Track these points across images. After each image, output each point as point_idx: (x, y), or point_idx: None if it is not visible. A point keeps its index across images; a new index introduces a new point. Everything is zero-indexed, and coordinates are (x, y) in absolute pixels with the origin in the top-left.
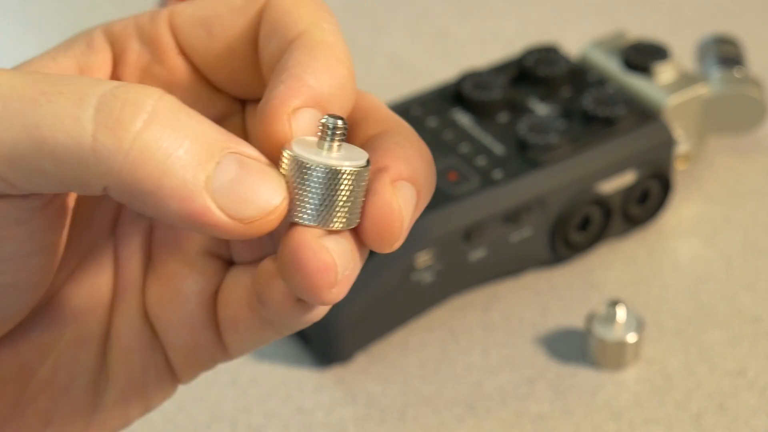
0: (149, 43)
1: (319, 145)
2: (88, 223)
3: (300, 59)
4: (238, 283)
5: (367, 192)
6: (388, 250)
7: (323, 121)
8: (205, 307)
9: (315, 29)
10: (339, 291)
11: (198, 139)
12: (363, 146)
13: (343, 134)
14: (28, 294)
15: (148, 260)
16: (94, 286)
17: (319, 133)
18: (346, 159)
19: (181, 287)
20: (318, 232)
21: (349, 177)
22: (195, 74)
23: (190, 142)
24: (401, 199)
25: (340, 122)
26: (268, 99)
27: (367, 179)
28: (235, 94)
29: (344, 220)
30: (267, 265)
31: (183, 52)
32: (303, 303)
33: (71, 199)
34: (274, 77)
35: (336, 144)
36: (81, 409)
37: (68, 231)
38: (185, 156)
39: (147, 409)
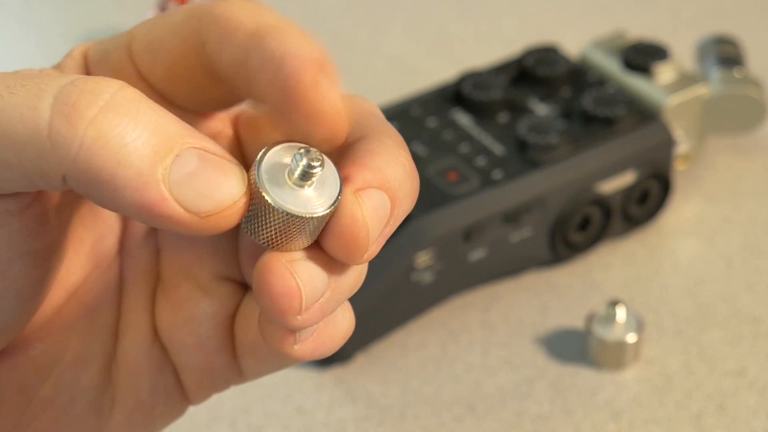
0: (114, 71)
1: (290, 175)
2: (93, 241)
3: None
4: (257, 308)
5: None
6: (358, 262)
7: (300, 152)
8: (220, 330)
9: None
10: (308, 318)
11: (157, 130)
12: (340, 155)
13: (318, 172)
14: (15, 305)
15: (157, 282)
16: (96, 306)
17: (293, 165)
18: (311, 198)
19: (194, 311)
20: (289, 255)
21: (303, 222)
22: (162, 99)
23: (148, 132)
24: (366, 208)
25: (316, 163)
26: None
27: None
28: (204, 110)
29: (293, 246)
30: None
31: (142, 77)
32: (303, 344)
33: (53, 208)
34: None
35: (307, 183)
36: (84, 430)
37: (69, 248)
38: (142, 146)
39: (153, 431)
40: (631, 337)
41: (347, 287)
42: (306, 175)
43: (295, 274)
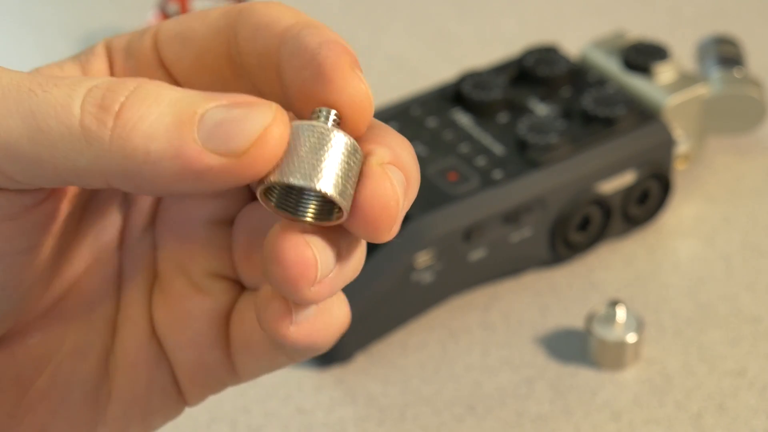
0: (134, 56)
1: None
2: (94, 235)
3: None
4: (252, 304)
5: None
6: (385, 237)
7: (320, 110)
8: (213, 327)
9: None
10: (319, 291)
11: (179, 102)
12: None
13: (337, 122)
14: (16, 296)
15: (155, 278)
16: (95, 298)
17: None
18: None
19: (188, 307)
20: (302, 227)
21: (340, 141)
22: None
23: (170, 106)
24: (394, 179)
25: (335, 112)
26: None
27: (359, 164)
28: None
29: (333, 183)
30: (266, 287)
31: (164, 66)
32: (299, 327)
33: (65, 203)
34: None
35: (330, 123)
36: (80, 423)
37: (72, 240)
38: (167, 118)
39: (148, 428)
40: (631, 337)
41: (350, 270)
42: (331, 115)
43: (311, 244)
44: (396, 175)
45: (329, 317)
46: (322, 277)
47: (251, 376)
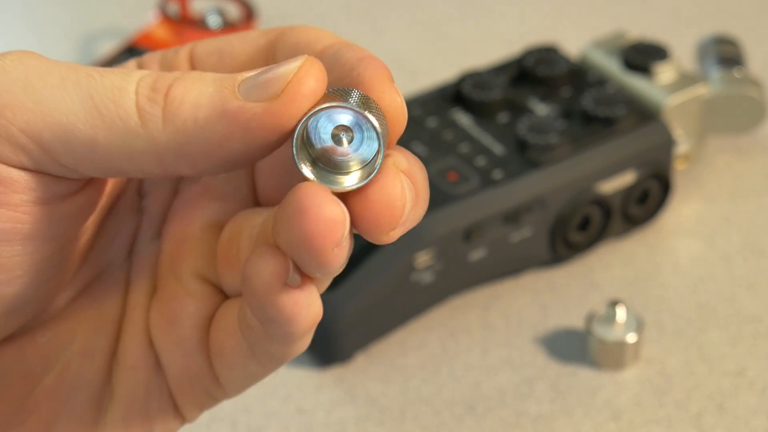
0: (168, 69)
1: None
2: (109, 241)
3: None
4: (229, 310)
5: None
6: (383, 238)
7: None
8: (197, 331)
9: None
10: (338, 255)
11: (219, 78)
12: None
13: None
14: (31, 288)
15: (156, 282)
16: (105, 302)
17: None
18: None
19: (175, 309)
20: (328, 189)
21: (374, 102)
22: None
23: (212, 81)
24: (405, 185)
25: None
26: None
27: (387, 132)
28: None
29: (374, 110)
30: (261, 247)
31: None
32: (288, 293)
33: (92, 202)
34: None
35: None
36: (83, 423)
37: (90, 242)
38: (210, 88)
39: None
40: (631, 337)
41: (348, 255)
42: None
43: (340, 204)
44: (408, 183)
45: (311, 297)
46: (344, 239)
47: (233, 386)
